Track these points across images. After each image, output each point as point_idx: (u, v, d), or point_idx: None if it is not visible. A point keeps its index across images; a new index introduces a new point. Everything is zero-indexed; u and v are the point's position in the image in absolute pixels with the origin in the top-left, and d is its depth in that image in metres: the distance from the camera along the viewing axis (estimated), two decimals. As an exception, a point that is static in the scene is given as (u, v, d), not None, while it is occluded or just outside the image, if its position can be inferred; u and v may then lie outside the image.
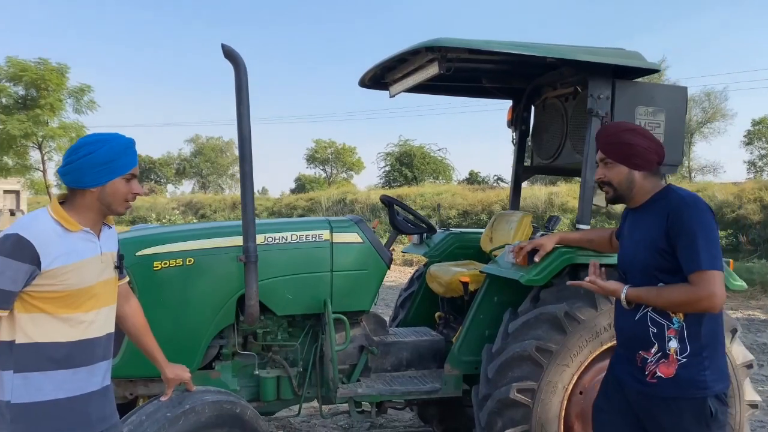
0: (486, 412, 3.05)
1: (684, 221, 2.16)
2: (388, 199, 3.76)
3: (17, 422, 1.93)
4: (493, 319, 3.31)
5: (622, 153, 2.32)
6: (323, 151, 54.35)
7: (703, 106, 33.31)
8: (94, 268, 2.05)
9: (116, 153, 2.06)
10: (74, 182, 2.03)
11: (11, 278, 1.89)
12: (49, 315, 1.98)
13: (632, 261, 2.35)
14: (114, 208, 2.09)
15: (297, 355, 3.37)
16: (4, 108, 32.35)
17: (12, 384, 1.95)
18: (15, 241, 1.90)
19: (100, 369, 2.11)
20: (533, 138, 4.28)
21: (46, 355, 1.97)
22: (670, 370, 2.23)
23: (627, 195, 2.36)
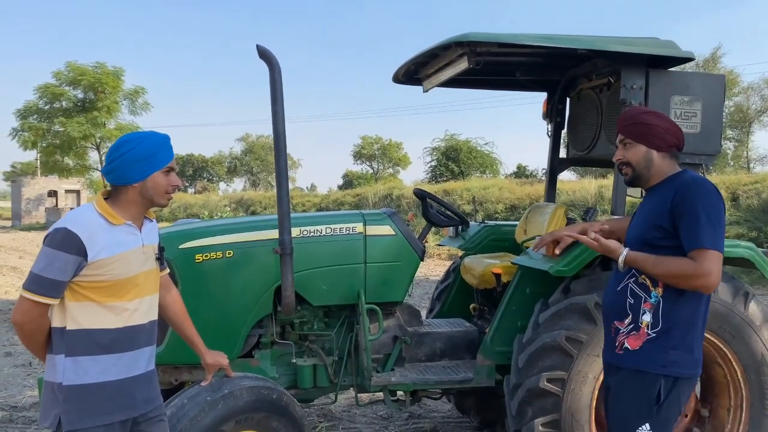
0: (517, 401, 3.09)
1: (689, 200, 2.19)
2: (422, 192, 3.83)
3: (68, 402, 2.08)
4: (525, 310, 3.34)
5: (641, 132, 2.35)
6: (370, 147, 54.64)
7: (762, 94, 31.94)
8: (136, 259, 2.18)
9: (154, 148, 2.19)
10: (118, 179, 2.17)
11: (61, 269, 2.03)
12: (96, 303, 2.11)
13: (632, 235, 2.41)
14: (156, 200, 2.22)
15: (333, 345, 3.48)
16: (65, 111, 33.76)
17: (64, 367, 2.10)
18: (63, 235, 2.04)
19: (144, 354, 2.24)
20: (568, 130, 4.26)
21: (94, 341, 2.11)
22: (637, 342, 2.28)
23: (645, 175, 2.38)
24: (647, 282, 2.29)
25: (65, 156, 35.36)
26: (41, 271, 2.03)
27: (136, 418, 2.21)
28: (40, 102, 34.34)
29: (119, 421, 2.15)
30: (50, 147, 35.05)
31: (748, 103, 32.17)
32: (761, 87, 31.71)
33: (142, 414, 2.23)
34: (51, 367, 2.14)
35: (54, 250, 2.04)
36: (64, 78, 33.58)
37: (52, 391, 2.11)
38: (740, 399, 3.24)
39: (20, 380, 5.87)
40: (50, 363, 2.15)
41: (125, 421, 2.18)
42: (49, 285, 2.03)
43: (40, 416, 2.17)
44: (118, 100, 34.48)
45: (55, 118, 33.66)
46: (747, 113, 32.04)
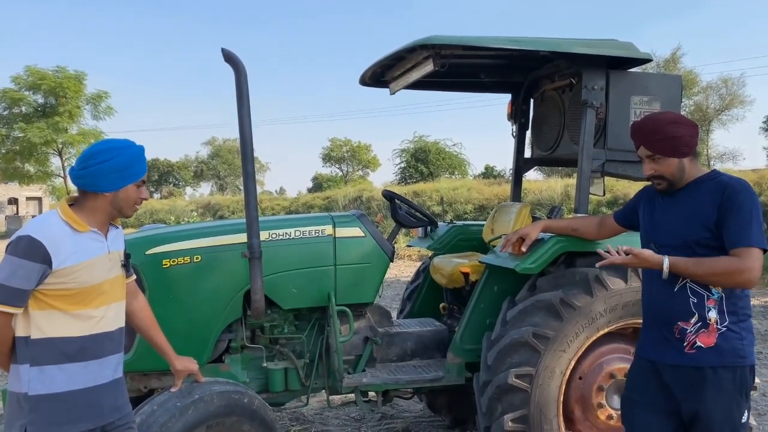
0: (486, 398, 3.13)
1: (740, 199, 2.23)
2: (390, 193, 3.86)
3: (34, 412, 2.05)
4: (494, 308, 3.39)
5: (670, 146, 2.34)
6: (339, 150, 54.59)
7: (720, 93, 32.83)
8: (102, 267, 2.16)
9: (132, 160, 2.18)
10: (88, 186, 2.14)
11: (25, 277, 2.00)
12: (61, 311, 2.08)
13: (672, 236, 2.37)
14: (124, 212, 2.22)
15: (303, 347, 3.48)
16: (25, 116, 32.97)
17: (29, 377, 2.06)
18: (27, 243, 2.01)
19: (112, 362, 2.21)
20: (533, 130, 4.34)
21: (60, 349, 2.08)
22: (711, 339, 2.27)
23: (679, 182, 2.39)
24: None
25: (26, 162, 34.52)
26: (4, 280, 2.00)
27: (104, 426, 2.18)
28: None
29: (89, 429, 2.13)
30: (10, 153, 34.17)
31: (707, 102, 33.02)
32: (719, 86, 32.62)
33: (110, 422, 2.20)
34: (15, 377, 2.10)
35: (18, 259, 2.00)
36: (23, 82, 32.79)
37: (17, 401, 2.07)
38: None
39: (-18, 393, 5.71)
40: (14, 373, 2.11)
41: (93, 430, 2.14)
42: (13, 294, 1.99)
43: (4, 427, 2.14)
44: (81, 105, 33.81)
45: (15, 123, 32.84)
46: (706, 112, 32.89)
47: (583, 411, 3.23)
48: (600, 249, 2.45)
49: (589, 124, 3.38)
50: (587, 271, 3.13)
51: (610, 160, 3.49)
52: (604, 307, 3.11)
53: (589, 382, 3.22)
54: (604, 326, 3.13)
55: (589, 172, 3.43)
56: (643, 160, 2.43)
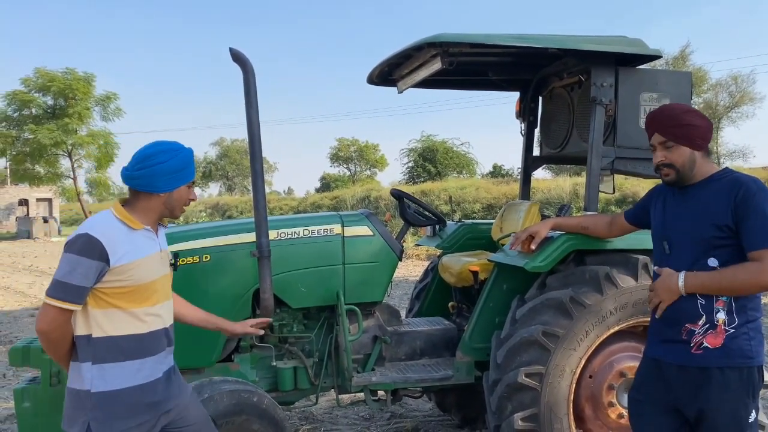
0: (496, 396, 3.12)
1: (757, 200, 2.19)
2: (398, 192, 3.85)
3: (97, 409, 2.11)
4: (503, 306, 3.38)
5: (686, 134, 2.32)
6: (346, 150, 54.62)
7: (730, 90, 32.62)
8: (154, 265, 2.22)
9: (185, 162, 2.26)
10: (143, 186, 2.20)
11: (83, 275, 2.04)
12: (120, 310, 2.14)
13: (682, 234, 2.34)
14: (175, 212, 2.30)
15: (313, 346, 3.48)
16: (34, 118, 33.21)
17: (91, 374, 2.12)
18: (85, 241, 2.06)
19: (165, 357, 2.29)
20: (541, 128, 4.32)
21: (119, 347, 2.14)
22: (718, 340, 2.25)
23: (688, 175, 2.35)
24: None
25: (36, 164, 34.77)
26: (64, 278, 2.04)
27: (165, 413, 2.25)
28: (9, 109, 33.74)
29: (147, 421, 2.19)
30: (20, 155, 34.45)
31: (716, 100, 32.81)
32: (729, 83, 32.41)
33: (169, 410, 2.26)
34: (76, 375, 2.15)
35: (76, 256, 2.05)
36: (33, 84, 33.04)
37: (79, 398, 2.13)
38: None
39: (-6, 392, 5.76)
40: (75, 370, 2.16)
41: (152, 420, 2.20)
42: (72, 291, 2.04)
43: (65, 423, 2.18)
44: (90, 106, 34.02)
45: (25, 125, 33.09)
46: (716, 109, 32.68)
47: (593, 410, 3.21)
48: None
49: (598, 121, 3.36)
50: (597, 269, 3.11)
51: (619, 157, 3.47)
52: (615, 305, 3.09)
53: (600, 381, 3.20)
54: (614, 324, 3.11)
55: (599, 169, 3.41)
56: (654, 150, 2.41)
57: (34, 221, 34.81)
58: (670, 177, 2.39)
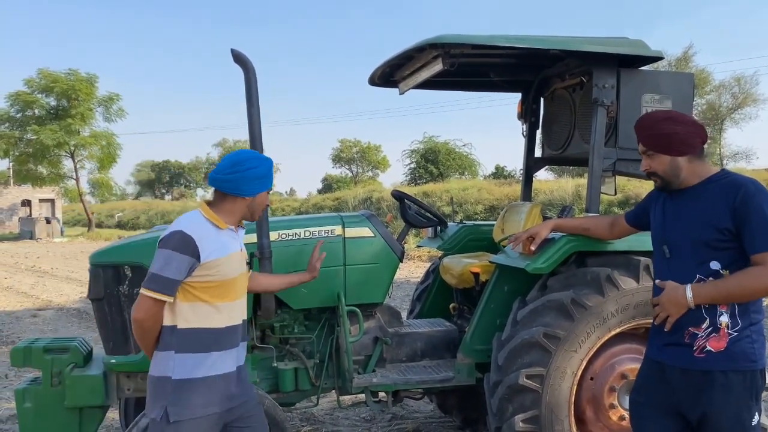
0: (497, 398, 3.12)
1: (756, 202, 2.18)
2: (400, 194, 3.85)
3: (176, 395, 2.28)
4: (504, 308, 3.37)
5: (662, 143, 2.33)
6: (348, 151, 54.64)
7: (733, 92, 32.56)
8: (237, 262, 2.42)
9: (269, 170, 2.47)
10: (232, 189, 2.39)
11: (177, 269, 2.23)
12: (205, 303, 2.32)
13: (681, 236, 2.33)
14: (255, 215, 2.50)
15: (314, 347, 3.48)
16: (37, 119, 33.28)
17: (174, 363, 2.30)
18: (180, 237, 2.26)
19: (241, 351, 2.48)
20: (543, 129, 4.31)
21: (200, 339, 2.32)
22: (721, 343, 2.24)
23: (675, 181, 2.36)
24: None
25: (39, 164, 34.85)
26: (159, 271, 2.23)
27: (232, 408, 2.40)
28: (12, 110, 33.82)
29: (218, 413, 2.35)
30: (23, 155, 34.52)
31: (719, 101, 32.77)
32: (732, 84, 32.36)
33: (235, 406, 2.42)
34: (159, 363, 2.33)
35: (171, 252, 2.24)
36: (36, 85, 33.12)
37: (161, 384, 2.30)
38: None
39: (-4, 393, 5.77)
40: (158, 359, 2.34)
41: (221, 412, 2.36)
42: (166, 283, 2.23)
43: (147, 407, 2.36)
44: (92, 107, 34.09)
45: (28, 126, 33.17)
46: (719, 111, 32.64)
47: (594, 412, 3.20)
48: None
49: (599, 122, 3.36)
50: (599, 270, 3.10)
51: (621, 159, 3.46)
52: (616, 307, 3.08)
53: (601, 383, 3.19)
54: (615, 326, 3.10)
55: (600, 171, 3.40)
56: (641, 157, 2.44)
57: (37, 222, 34.85)
58: (657, 183, 2.44)
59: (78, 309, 10.39)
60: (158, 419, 2.29)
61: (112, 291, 3.14)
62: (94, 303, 3.22)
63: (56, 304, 11.11)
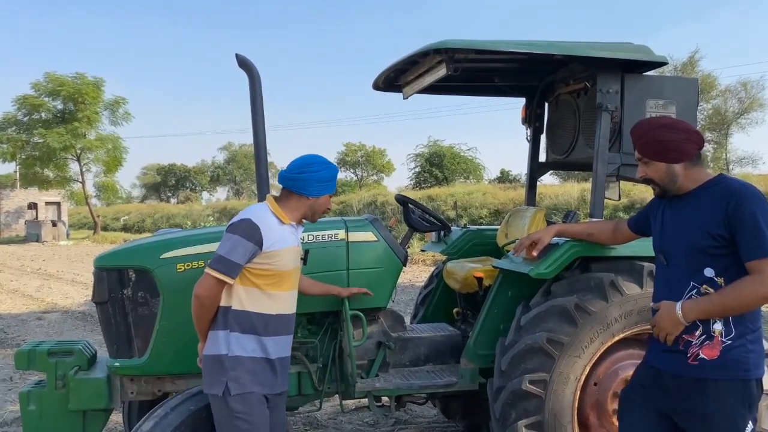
0: (500, 403, 3.11)
1: (747, 210, 2.16)
2: (403, 198, 3.85)
3: (235, 370, 2.47)
4: (507, 313, 3.37)
5: (656, 150, 2.33)
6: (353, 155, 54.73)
7: (739, 97, 32.44)
8: (293, 256, 2.61)
9: (334, 174, 2.66)
10: (298, 188, 2.59)
11: (241, 253, 2.42)
12: (259, 290, 2.51)
13: (677, 243, 2.33)
14: (316, 216, 2.69)
15: (317, 352, 3.48)
16: (44, 122, 33.47)
17: (228, 341, 2.50)
18: (248, 225, 2.45)
19: (287, 341, 2.65)
20: (547, 134, 4.31)
21: (252, 322, 2.51)
22: (714, 351, 2.24)
23: (672, 188, 2.37)
24: (711, 291, 2.25)
25: (45, 168, 35.03)
26: (226, 254, 2.41)
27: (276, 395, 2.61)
28: (19, 113, 34.02)
29: (265, 395, 2.54)
30: (29, 159, 34.73)
31: (725, 106, 32.65)
32: (738, 89, 32.26)
33: (278, 393, 2.62)
34: (214, 342, 2.51)
35: (238, 237, 2.42)
36: (43, 89, 33.32)
37: (219, 361, 2.49)
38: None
39: (1, 395, 5.79)
40: (213, 338, 2.52)
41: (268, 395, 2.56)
42: (231, 266, 2.41)
43: (205, 386, 2.54)
44: (99, 111, 34.27)
45: (35, 129, 33.37)
46: (725, 116, 32.52)
47: (598, 417, 3.18)
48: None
49: (604, 128, 3.36)
50: (602, 276, 3.10)
51: (625, 164, 3.45)
52: (620, 312, 3.07)
53: (604, 389, 3.18)
54: (619, 332, 3.09)
55: (605, 176, 3.40)
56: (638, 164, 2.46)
57: (43, 225, 34.97)
58: (655, 191, 2.46)
59: (83, 312, 10.42)
60: (220, 395, 2.45)
61: (116, 294, 3.15)
62: (99, 306, 3.23)
63: (61, 307, 11.15)
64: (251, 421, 2.47)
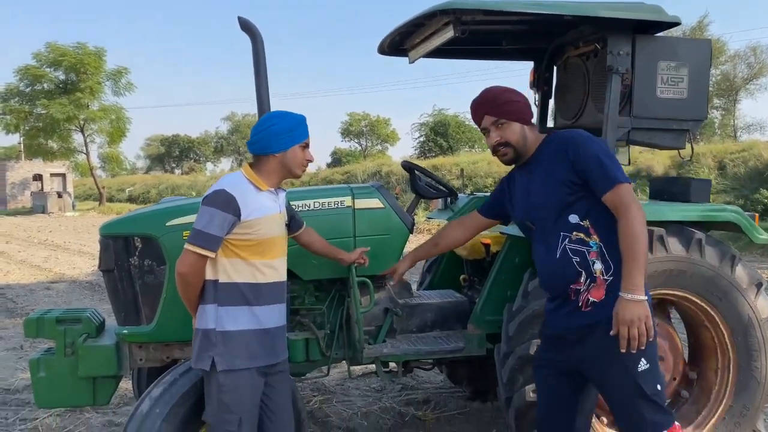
0: (508, 369, 3.11)
1: (583, 149, 2.32)
2: (409, 164, 3.80)
3: (222, 345, 2.41)
4: (515, 279, 3.35)
5: (515, 110, 2.46)
6: (357, 124, 54.38)
7: (748, 62, 31.98)
8: (275, 223, 2.52)
9: (294, 124, 2.50)
10: (261, 149, 2.49)
11: (219, 226, 2.35)
12: (244, 260, 2.43)
13: (538, 204, 2.44)
14: (294, 171, 2.53)
15: (324, 318, 3.48)
16: (47, 93, 33.29)
17: (216, 315, 2.43)
18: (224, 196, 2.36)
19: (281, 309, 2.58)
20: (556, 98, 4.24)
21: (241, 293, 2.43)
22: (600, 292, 2.33)
23: (523, 151, 2.49)
24: (581, 235, 2.36)
25: (49, 139, 34.99)
26: (204, 228, 2.35)
27: (271, 367, 2.53)
28: (21, 84, 33.84)
29: (262, 366, 2.48)
30: (33, 130, 34.67)
31: (734, 72, 32.22)
32: (748, 55, 31.77)
33: (276, 363, 2.55)
34: (203, 316, 2.45)
35: (214, 209, 2.35)
36: (44, 59, 33.07)
37: (206, 336, 2.43)
38: (727, 361, 3.29)
39: (12, 363, 5.86)
40: (202, 312, 2.46)
41: (263, 367, 2.49)
42: (210, 239, 2.35)
43: (193, 360, 2.48)
44: (101, 81, 34.05)
45: (37, 100, 33.22)
46: (734, 82, 32.11)
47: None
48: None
49: (614, 91, 3.29)
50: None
51: (635, 128, 3.40)
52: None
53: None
54: (626, 296, 3.07)
55: (614, 141, 3.34)
56: (487, 133, 2.53)
57: (49, 196, 35.07)
58: (507, 156, 2.52)
59: (90, 282, 10.49)
60: (207, 369, 2.41)
61: (122, 262, 3.14)
62: (105, 274, 3.23)
63: (69, 277, 11.23)
64: (238, 396, 2.42)
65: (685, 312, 3.45)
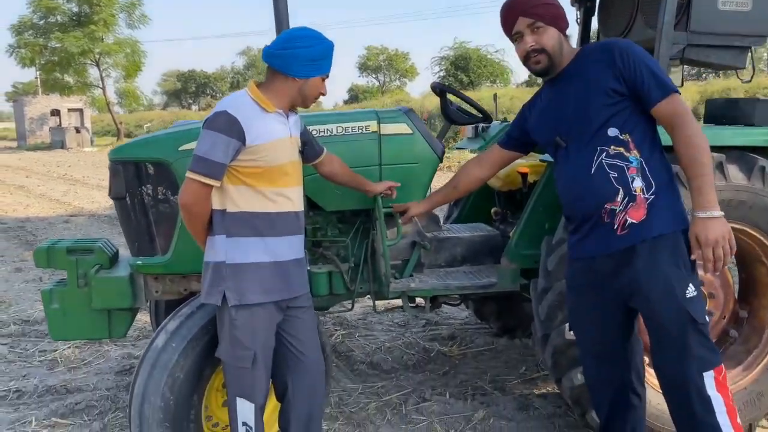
0: (546, 305, 2.92)
1: (634, 56, 2.12)
2: (441, 86, 3.50)
3: (232, 279, 2.22)
4: (554, 210, 3.09)
5: (552, 14, 2.23)
6: (375, 59, 53.19)
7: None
8: (285, 149, 2.29)
9: (326, 53, 2.28)
10: (282, 67, 2.23)
11: (222, 151, 2.13)
12: (252, 188, 2.23)
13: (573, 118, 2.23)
14: (307, 101, 2.33)
15: (348, 251, 3.29)
16: (61, 26, 32.81)
17: (225, 247, 2.24)
18: (225, 119, 2.14)
19: (296, 241, 2.39)
20: (599, 15, 3.88)
21: (252, 223, 2.24)
22: (640, 212, 2.11)
23: (558, 61, 2.26)
24: (620, 149, 2.15)
25: (65, 73, 34.74)
26: (206, 154, 2.13)
27: (289, 301, 2.35)
28: (35, 17, 33.35)
29: (275, 302, 2.29)
30: (49, 64, 34.39)
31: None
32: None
33: (294, 298, 2.36)
34: (212, 248, 2.27)
35: (216, 133, 2.13)
36: (56, -10, 32.41)
37: (216, 269, 2.25)
38: (782, 299, 3.06)
39: (31, 295, 5.83)
40: (211, 244, 2.28)
41: (280, 302, 2.31)
42: (213, 166, 2.13)
43: (203, 295, 2.30)
44: (114, 13, 33.45)
45: (51, 33, 32.79)
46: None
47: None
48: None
49: (670, 2, 2.94)
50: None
51: (692, 44, 3.06)
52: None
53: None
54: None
55: (668, 58, 3.02)
56: (520, 39, 2.27)
57: (67, 131, 35.05)
58: (541, 65, 2.26)
59: (109, 216, 10.46)
60: (219, 304, 2.25)
61: (134, 190, 2.95)
62: (116, 202, 3.05)
63: (88, 210, 11.22)
64: (252, 332, 2.25)
65: (739, 245, 3.19)
